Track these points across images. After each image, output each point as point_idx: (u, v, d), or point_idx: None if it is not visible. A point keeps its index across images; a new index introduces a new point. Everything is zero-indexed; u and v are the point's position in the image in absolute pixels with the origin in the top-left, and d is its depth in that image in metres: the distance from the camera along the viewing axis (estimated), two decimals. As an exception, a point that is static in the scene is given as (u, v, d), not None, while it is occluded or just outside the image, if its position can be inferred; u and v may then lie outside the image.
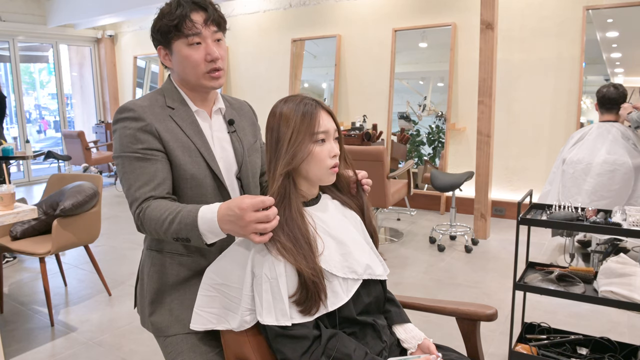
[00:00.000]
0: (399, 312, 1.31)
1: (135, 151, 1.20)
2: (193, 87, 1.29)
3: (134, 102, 1.25)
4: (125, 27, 7.96)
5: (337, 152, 1.16)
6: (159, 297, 1.30)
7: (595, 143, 3.13)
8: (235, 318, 1.13)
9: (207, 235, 1.09)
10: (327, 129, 1.15)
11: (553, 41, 4.44)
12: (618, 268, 2.00)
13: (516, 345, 2.17)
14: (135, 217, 1.18)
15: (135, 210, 1.18)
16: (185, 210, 1.11)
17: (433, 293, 3.11)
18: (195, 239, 1.10)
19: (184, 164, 1.23)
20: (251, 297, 1.11)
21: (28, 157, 4.40)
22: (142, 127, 1.20)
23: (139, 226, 1.19)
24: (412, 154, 5.37)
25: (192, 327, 1.19)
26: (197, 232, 1.08)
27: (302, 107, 1.14)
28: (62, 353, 2.47)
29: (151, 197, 1.18)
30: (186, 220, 1.09)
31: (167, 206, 1.15)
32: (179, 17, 1.20)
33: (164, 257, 1.30)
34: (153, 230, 1.16)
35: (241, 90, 6.63)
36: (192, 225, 1.08)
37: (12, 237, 2.91)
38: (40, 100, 10.99)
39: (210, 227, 1.07)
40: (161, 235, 1.16)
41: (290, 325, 1.06)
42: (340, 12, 5.69)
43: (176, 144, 1.23)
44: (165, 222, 1.12)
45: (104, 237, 4.32)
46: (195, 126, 1.28)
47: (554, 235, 3.58)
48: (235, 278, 1.14)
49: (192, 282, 1.29)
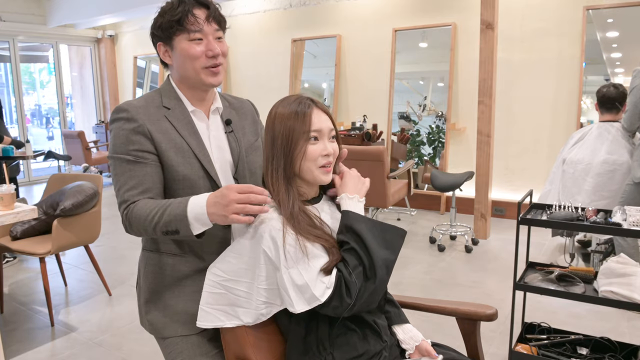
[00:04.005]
0: (397, 313, 1.31)
1: (126, 153, 1.21)
2: (192, 84, 1.29)
3: (129, 102, 1.25)
4: (126, 27, 7.96)
5: (329, 151, 1.16)
6: (154, 296, 1.31)
7: (595, 143, 3.13)
8: (248, 313, 1.13)
9: (194, 225, 1.11)
10: (321, 127, 1.15)
11: (553, 41, 4.44)
12: (618, 268, 2.00)
13: (516, 345, 2.17)
14: (123, 217, 1.21)
15: (123, 211, 1.20)
16: (175, 202, 1.15)
17: (433, 293, 3.11)
18: (184, 229, 1.12)
19: (176, 165, 1.24)
20: (267, 290, 1.11)
21: (28, 157, 4.40)
22: (134, 128, 1.21)
23: (127, 227, 1.21)
24: (412, 154, 5.37)
25: (198, 325, 1.18)
26: (186, 222, 1.11)
27: (297, 106, 1.15)
28: (62, 353, 2.47)
29: (139, 200, 1.20)
30: (176, 211, 1.12)
31: (154, 203, 1.18)
32: (182, 13, 1.21)
33: (159, 257, 1.31)
34: (141, 228, 1.18)
35: (241, 90, 6.63)
36: (182, 215, 1.11)
37: (12, 237, 2.91)
38: (40, 100, 11.00)
39: (197, 214, 1.10)
40: (149, 232, 1.17)
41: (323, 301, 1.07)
42: (340, 12, 5.69)
43: (169, 145, 1.23)
44: (155, 216, 1.14)
45: (104, 237, 4.33)
46: (191, 127, 1.28)
47: (554, 235, 3.58)
48: (245, 273, 1.14)
49: (187, 282, 1.29)
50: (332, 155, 1.17)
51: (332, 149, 1.17)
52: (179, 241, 1.29)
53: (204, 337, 1.28)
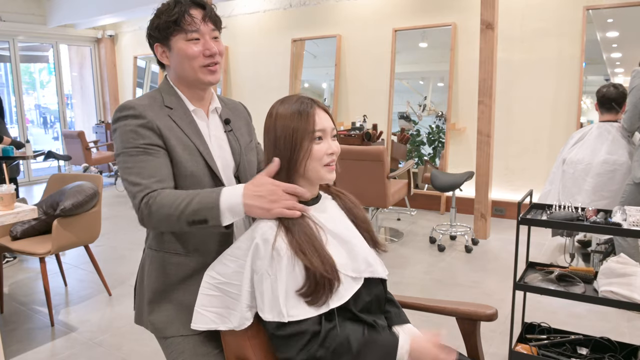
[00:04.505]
0: (398, 313, 1.31)
1: (137, 146, 1.19)
2: (190, 83, 1.29)
3: (133, 101, 1.25)
4: (126, 27, 7.96)
5: (334, 149, 1.17)
6: (158, 296, 1.30)
7: (595, 143, 3.13)
8: (235, 315, 1.13)
9: (226, 214, 1.12)
10: (324, 127, 1.16)
11: (553, 41, 4.44)
12: (618, 268, 2.00)
13: (516, 345, 2.17)
14: (142, 206, 1.15)
15: (142, 199, 1.15)
16: (206, 191, 1.15)
17: (433, 293, 3.11)
18: (213, 219, 1.12)
19: (185, 161, 1.24)
20: (251, 293, 1.11)
21: (28, 157, 4.40)
22: (143, 123, 1.21)
23: (144, 217, 1.16)
24: (412, 154, 5.37)
25: (193, 327, 1.18)
26: (217, 211, 1.11)
27: (299, 106, 1.15)
28: (62, 353, 2.48)
29: (158, 189, 1.18)
30: (207, 200, 1.12)
31: (181, 191, 1.17)
32: (178, 13, 1.22)
33: (163, 257, 1.30)
34: (164, 217, 1.14)
35: (241, 90, 6.63)
36: (214, 204, 1.12)
37: (12, 237, 2.91)
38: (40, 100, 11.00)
39: (232, 204, 1.12)
40: (172, 221, 1.14)
41: (288, 323, 1.06)
42: (340, 12, 5.69)
43: (176, 141, 1.24)
44: (181, 204, 1.13)
45: (104, 237, 4.32)
46: (194, 126, 1.29)
47: (554, 235, 3.58)
48: (235, 275, 1.14)
49: (191, 282, 1.29)
50: (336, 153, 1.18)
51: (336, 147, 1.18)
52: (183, 240, 1.28)
53: (205, 337, 1.28)
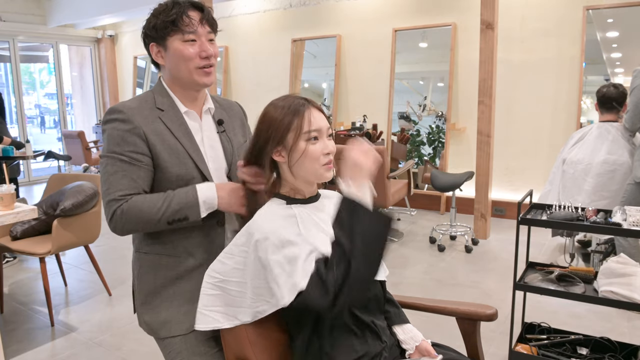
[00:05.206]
0: (397, 313, 1.32)
1: (121, 153, 1.22)
2: (184, 84, 1.30)
3: (123, 103, 1.26)
4: (126, 27, 7.96)
5: (331, 149, 1.17)
6: (149, 298, 1.31)
7: (595, 143, 3.12)
8: (246, 312, 1.12)
9: (202, 209, 1.22)
10: (320, 127, 1.15)
11: (553, 41, 4.44)
12: (618, 268, 2.00)
13: (516, 345, 2.17)
14: (117, 214, 1.20)
15: (115, 208, 1.21)
16: (182, 191, 1.23)
17: (433, 293, 3.11)
18: (193, 215, 1.22)
19: (170, 166, 1.25)
20: (262, 287, 1.08)
21: (28, 157, 4.40)
22: (130, 129, 1.22)
23: (119, 224, 1.21)
24: (412, 154, 5.37)
25: (197, 328, 1.18)
26: (197, 208, 1.21)
27: (294, 106, 1.15)
28: (62, 353, 2.48)
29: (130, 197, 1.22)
30: (185, 199, 1.21)
31: (155, 195, 1.22)
32: (177, 14, 1.24)
33: (152, 259, 1.31)
34: (141, 221, 1.20)
35: (241, 90, 6.63)
36: (193, 202, 1.21)
37: (12, 237, 2.91)
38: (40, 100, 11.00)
39: (207, 198, 1.23)
40: (151, 224, 1.20)
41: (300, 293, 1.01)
42: (340, 12, 5.69)
43: (163, 146, 1.25)
44: (162, 207, 1.20)
45: (104, 237, 4.30)
46: (184, 128, 1.30)
47: (554, 235, 3.58)
48: (236, 272, 1.14)
49: (181, 282, 1.29)
50: (332, 152, 1.18)
51: (332, 146, 1.18)
52: (172, 241, 1.29)
53: (202, 336, 1.28)
